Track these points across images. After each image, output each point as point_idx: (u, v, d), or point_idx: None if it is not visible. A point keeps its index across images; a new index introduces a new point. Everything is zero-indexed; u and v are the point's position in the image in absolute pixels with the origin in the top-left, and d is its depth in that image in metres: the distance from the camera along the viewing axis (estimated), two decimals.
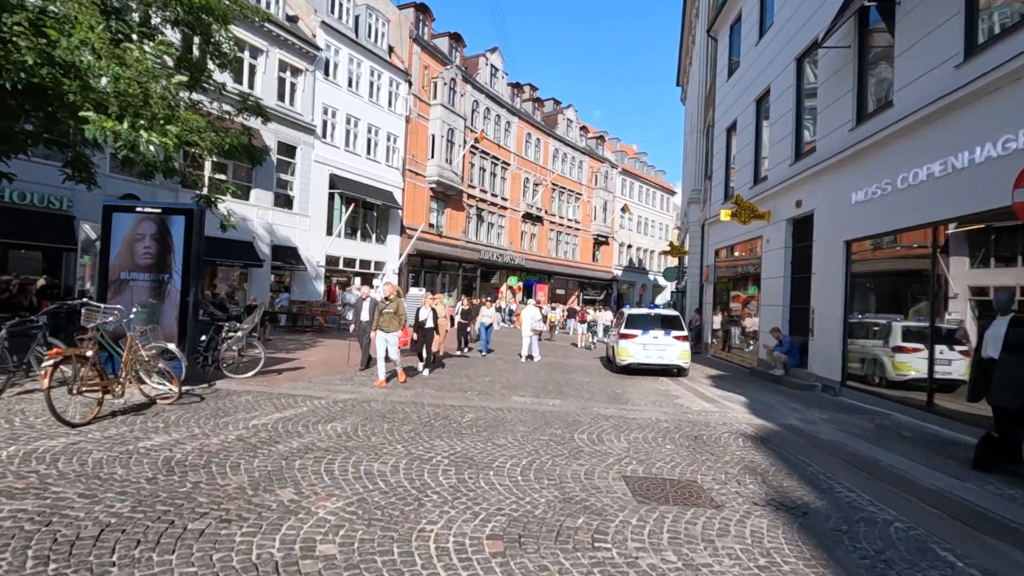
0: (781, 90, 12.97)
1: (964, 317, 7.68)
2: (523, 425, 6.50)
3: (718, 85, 18.66)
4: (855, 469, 5.35)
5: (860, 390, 9.51)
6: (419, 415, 6.71)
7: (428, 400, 7.76)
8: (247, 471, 4.27)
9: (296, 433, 5.50)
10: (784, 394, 10.18)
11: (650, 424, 7.00)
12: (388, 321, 8.76)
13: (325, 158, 23.49)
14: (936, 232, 7.95)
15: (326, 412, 6.57)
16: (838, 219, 10.14)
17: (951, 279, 7.88)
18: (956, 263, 7.85)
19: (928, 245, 8.20)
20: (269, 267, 21.17)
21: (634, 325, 12.42)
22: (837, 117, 10.28)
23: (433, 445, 5.37)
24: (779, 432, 6.89)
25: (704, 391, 10.24)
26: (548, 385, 10.00)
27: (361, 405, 7.12)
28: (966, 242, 7.75)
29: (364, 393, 7.99)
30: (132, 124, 7.25)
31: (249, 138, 11.54)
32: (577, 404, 8.20)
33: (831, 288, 10.32)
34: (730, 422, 7.42)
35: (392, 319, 8.77)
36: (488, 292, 34.14)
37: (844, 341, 9.94)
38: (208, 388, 7.63)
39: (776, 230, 12.95)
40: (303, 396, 7.49)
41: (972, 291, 7.81)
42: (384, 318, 8.79)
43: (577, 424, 6.74)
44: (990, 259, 7.66)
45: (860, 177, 9.43)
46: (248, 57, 20.22)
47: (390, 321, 8.76)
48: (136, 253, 7.47)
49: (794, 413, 8.25)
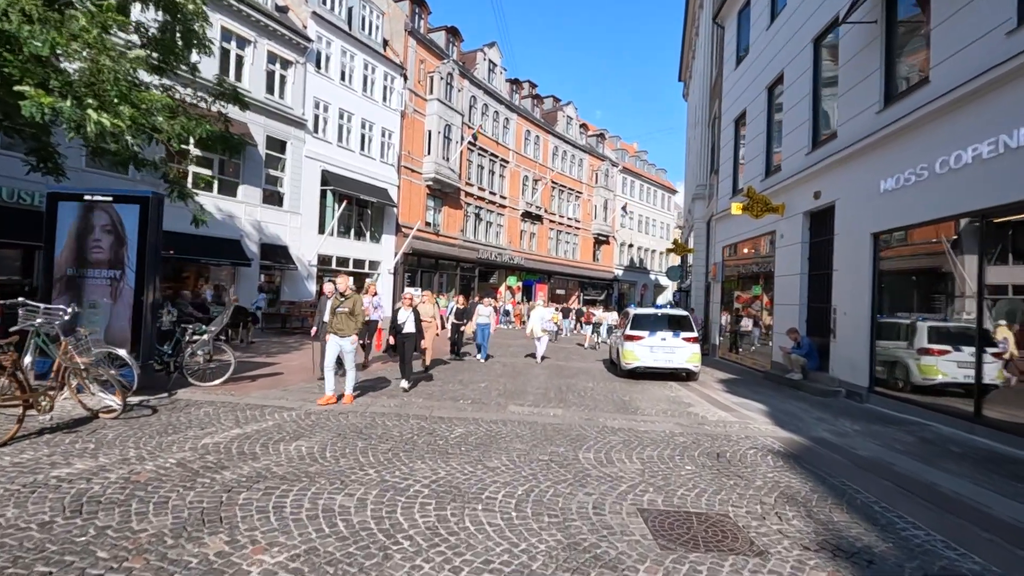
0: (796, 75, 12.15)
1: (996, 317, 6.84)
2: (520, 441, 5.67)
3: (725, 75, 17.85)
4: (913, 497, 4.51)
5: (890, 397, 8.68)
6: (401, 430, 5.88)
7: (414, 411, 6.92)
8: (175, 510, 3.44)
9: (251, 455, 4.67)
10: (805, 401, 9.35)
11: (664, 438, 6.17)
12: (341, 322, 7.15)
13: (317, 153, 22.67)
14: (984, 222, 7.11)
15: (294, 427, 5.74)
16: (863, 210, 9.32)
17: (989, 274, 7.05)
18: (1000, 256, 7.02)
19: (968, 236, 7.38)
20: (258, 266, 20.34)
21: (640, 326, 11.59)
22: (862, 100, 9.46)
23: (413, 469, 4.54)
24: (811, 448, 6.06)
25: (718, 398, 9.41)
26: (549, 392, 9.16)
27: (336, 418, 6.29)
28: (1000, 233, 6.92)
29: (343, 404, 7.15)
30: (78, 101, 6.43)
31: (226, 126, 10.71)
32: (581, 414, 7.37)
33: (856, 285, 9.50)
34: (753, 435, 6.59)
35: (346, 320, 7.16)
36: (486, 292, 33.31)
37: (872, 343, 9.11)
38: (166, 398, 6.80)
39: (791, 224, 12.12)
40: (273, 407, 6.66)
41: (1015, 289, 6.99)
42: (337, 319, 7.17)
43: (582, 439, 5.91)
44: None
45: (889, 163, 8.61)
46: (235, 48, 19.42)
47: (344, 322, 7.15)
48: (85, 247, 6.64)
49: (822, 424, 7.42)
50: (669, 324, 11.68)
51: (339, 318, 7.19)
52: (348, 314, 7.18)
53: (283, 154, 21.43)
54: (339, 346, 7.17)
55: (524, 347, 17.83)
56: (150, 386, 7.13)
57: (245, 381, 8.38)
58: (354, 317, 7.20)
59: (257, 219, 20.30)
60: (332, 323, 7.20)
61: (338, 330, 7.15)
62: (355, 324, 7.20)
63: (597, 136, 45.77)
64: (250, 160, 19.87)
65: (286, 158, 21.49)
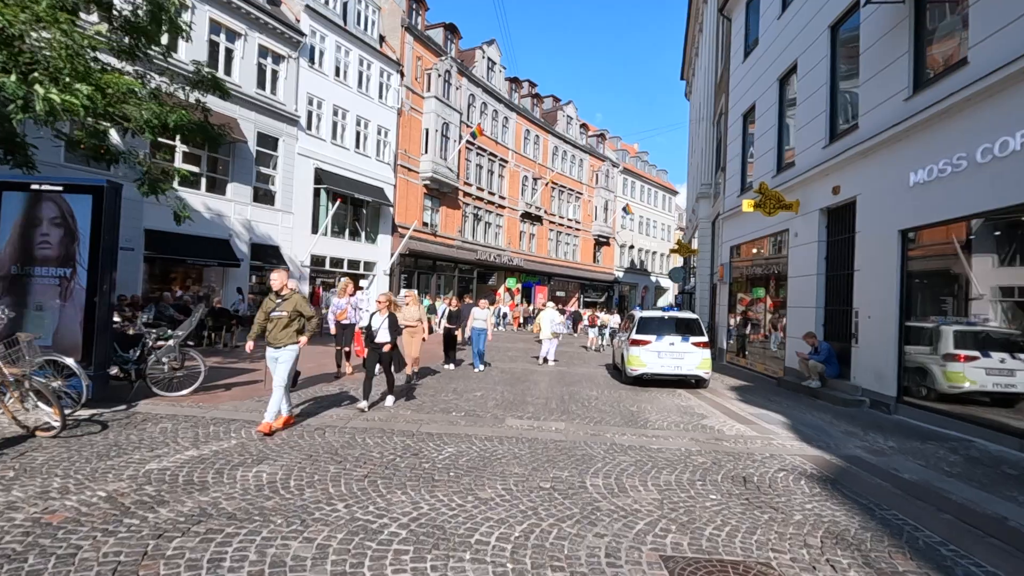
0: (811, 64, 11.47)
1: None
2: (518, 463, 4.96)
3: (732, 68, 17.18)
4: (984, 537, 3.81)
5: (922, 408, 7.97)
6: (383, 450, 5.17)
7: (400, 426, 6.21)
8: (81, 567, 2.73)
9: (200, 485, 3.96)
10: (827, 411, 8.64)
11: (680, 458, 5.47)
12: (277, 329, 5.66)
13: (310, 151, 21.99)
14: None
15: (259, 447, 5.03)
16: (890, 205, 8.63)
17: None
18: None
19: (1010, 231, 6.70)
20: (248, 267, 19.63)
21: (647, 330, 10.89)
22: (887, 87, 8.78)
23: (390, 503, 3.83)
24: (847, 469, 5.36)
25: (733, 408, 8.71)
26: (551, 402, 8.45)
27: (310, 436, 5.58)
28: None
29: (322, 417, 6.44)
30: (24, 77, 5.74)
31: (205, 116, 10.01)
32: (586, 429, 6.66)
33: (881, 286, 8.80)
34: (779, 453, 5.89)
35: (283, 326, 5.65)
36: (485, 294, 32.63)
37: (900, 349, 8.41)
38: (123, 412, 6.09)
39: (806, 222, 11.43)
40: (242, 422, 5.95)
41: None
42: (272, 324, 5.67)
43: (588, 460, 5.20)
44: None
45: (920, 153, 7.93)
46: (224, 41, 18.74)
47: (281, 329, 5.66)
48: (31, 242, 5.94)
49: (851, 439, 6.72)
50: (677, 328, 10.99)
51: (274, 324, 5.67)
52: (286, 318, 5.66)
53: (275, 151, 20.74)
54: (276, 360, 5.65)
55: (525, 351, 17.13)
56: (109, 398, 6.44)
57: (219, 390, 7.67)
58: (292, 322, 5.69)
59: (247, 218, 19.61)
60: (267, 332, 5.73)
61: (273, 340, 5.64)
62: (296, 330, 5.74)
63: (597, 136, 45.12)
64: (240, 157, 19.19)
65: (278, 155, 20.80)
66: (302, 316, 5.80)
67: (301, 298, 5.87)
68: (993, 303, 7.27)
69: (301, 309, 5.78)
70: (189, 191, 17.59)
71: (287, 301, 5.75)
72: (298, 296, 5.86)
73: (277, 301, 5.76)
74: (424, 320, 9.72)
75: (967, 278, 7.63)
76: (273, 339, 5.68)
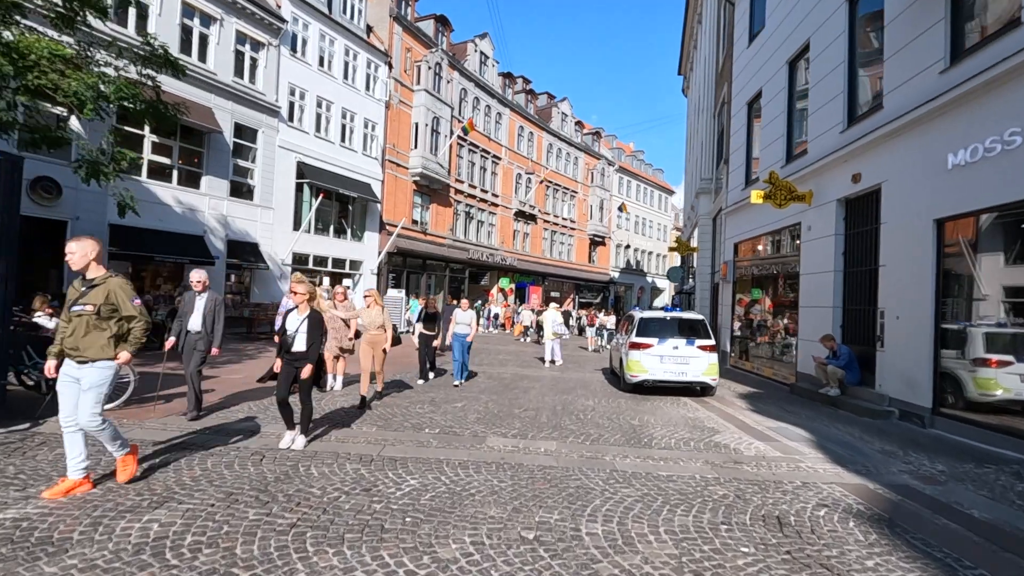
0: (826, 42, 10.53)
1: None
2: (496, 502, 3.95)
3: (736, 55, 16.25)
4: None
5: (964, 421, 7.01)
6: (327, 484, 4.14)
7: (358, 448, 5.18)
8: None
9: (57, 545, 2.92)
10: (853, 424, 7.68)
11: (696, 490, 4.47)
12: (79, 332, 3.70)
13: (292, 144, 20.92)
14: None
15: (167, 482, 3.99)
16: (923, 192, 7.67)
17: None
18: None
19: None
20: (224, 265, 18.52)
21: (648, 332, 9.90)
22: (918, 60, 7.83)
23: (313, 573, 2.80)
24: (900, 504, 4.38)
25: (747, 420, 7.72)
26: (541, 414, 7.44)
27: (242, 464, 4.54)
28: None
29: (265, 437, 5.41)
30: None
31: (157, 93, 8.96)
32: (581, 450, 5.65)
33: (913, 283, 7.84)
34: (812, 480, 4.90)
35: (87, 330, 3.71)
36: (479, 294, 31.60)
37: (935, 354, 7.45)
38: (23, 431, 5.04)
39: (821, 214, 10.48)
40: (167, 445, 4.92)
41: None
42: (73, 325, 3.72)
43: (584, 495, 4.20)
44: None
45: (961, 131, 6.97)
46: (198, 25, 17.64)
47: (83, 333, 3.71)
48: None
49: (891, 460, 5.74)
50: (681, 330, 10.01)
51: (75, 325, 3.70)
52: (93, 320, 3.69)
53: (254, 143, 19.65)
54: (74, 379, 3.71)
55: (516, 353, 16.13)
56: (15, 413, 5.39)
57: (159, 402, 6.62)
58: (105, 328, 3.73)
59: (223, 213, 18.51)
60: (63, 337, 3.74)
61: (72, 350, 3.70)
62: (106, 341, 3.72)
63: (593, 134, 44.20)
64: (215, 148, 18.11)
65: (257, 148, 19.71)
66: (119, 315, 3.80)
67: (117, 287, 3.81)
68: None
69: (117, 302, 3.78)
70: (159, 184, 16.55)
71: (96, 289, 3.74)
72: (116, 282, 3.83)
73: (83, 290, 3.75)
74: (389, 326, 7.67)
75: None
76: (73, 347, 3.69)
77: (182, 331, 6.03)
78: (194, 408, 5.95)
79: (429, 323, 9.79)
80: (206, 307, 6.07)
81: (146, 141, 16.27)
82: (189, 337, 6.03)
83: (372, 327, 7.57)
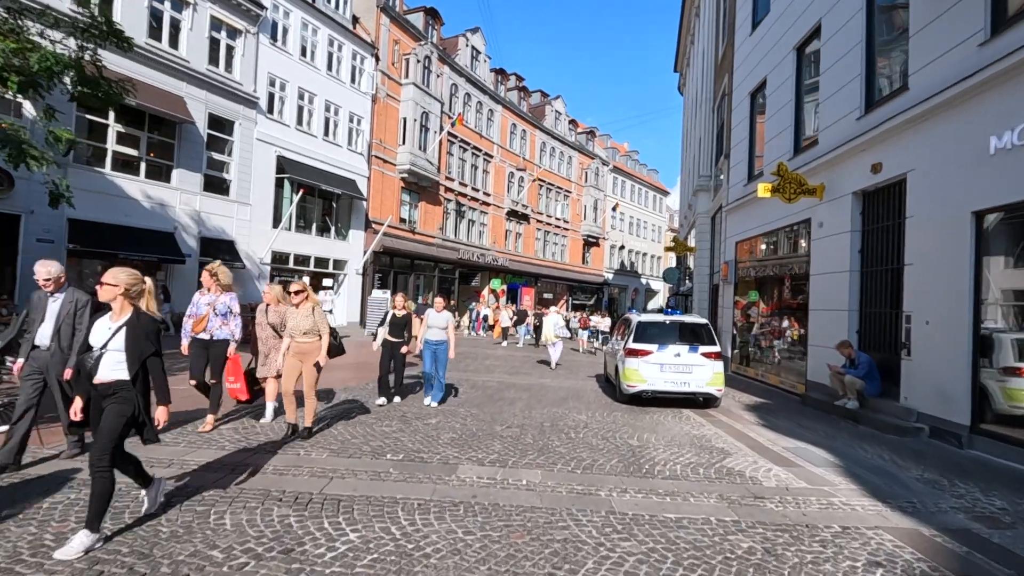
0: (839, 23, 9.69)
1: None
2: (455, 569, 3.00)
3: (737, 44, 15.41)
4: None
5: (1011, 441, 6.12)
6: (236, 542, 3.17)
7: (297, 484, 4.21)
8: None
9: None
10: (879, 443, 6.79)
11: (714, 541, 3.55)
12: None
13: (271, 136, 19.91)
14: None
15: (29, 546, 3.02)
16: (959, 181, 6.81)
17: None
18: None
19: None
20: (197, 263, 17.44)
21: (646, 338, 9.00)
22: (951, 34, 6.98)
23: None
24: (968, 559, 3.48)
25: (758, 438, 6.82)
26: (526, 433, 6.49)
27: (148, 514, 3.58)
28: None
29: (189, 458, 4.43)
30: None
31: (98, 69, 7.95)
32: (571, 482, 4.71)
33: (945, 284, 6.97)
34: (851, 523, 4.00)
35: None
36: (469, 295, 30.64)
37: (974, 364, 6.58)
38: None
39: (834, 209, 9.62)
40: (58, 477, 3.94)
41: None
42: None
43: (572, 553, 3.26)
44: None
45: (1007, 110, 6.12)
46: (169, 8, 16.61)
47: None
48: None
49: (940, 493, 4.84)
50: (683, 335, 9.11)
51: None
52: None
53: (230, 136, 18.64)
54: None
55: (505, 359, 15.17)
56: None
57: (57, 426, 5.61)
58: None
59: (196, 209, 17.46)
60: None
61: None
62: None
63: (587, 133, 43.38)
64: (188, 140, 17.07)
65: (234, 140, 18.70)
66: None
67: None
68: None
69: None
70: (125, 176, 15.50)
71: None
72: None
73: None
74: (325, 331, 5.72)
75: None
76: None
77: (28, 346, 4.31)
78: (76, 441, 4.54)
79: (396, 329, 7.80)
80: (61, 312, 4.34)
81: (110, 130, 15.24)
82: (37, 354, 4.29)
83: (298, 333, 5.63)
